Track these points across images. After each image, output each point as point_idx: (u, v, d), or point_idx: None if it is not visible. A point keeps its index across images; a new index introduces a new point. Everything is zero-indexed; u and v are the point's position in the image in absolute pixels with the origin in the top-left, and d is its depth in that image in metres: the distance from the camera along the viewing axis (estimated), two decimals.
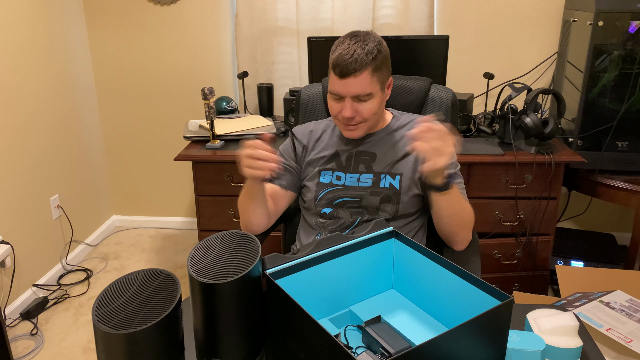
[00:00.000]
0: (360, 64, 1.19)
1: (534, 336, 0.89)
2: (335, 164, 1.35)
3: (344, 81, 1.21)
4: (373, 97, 1.24)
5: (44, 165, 2.44)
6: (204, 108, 2.45)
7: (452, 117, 1.51)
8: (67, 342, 2.09)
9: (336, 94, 1.24)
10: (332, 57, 1.23)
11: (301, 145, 1.40)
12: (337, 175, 1.34)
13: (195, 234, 3.01)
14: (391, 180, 1.30)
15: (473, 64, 2.60)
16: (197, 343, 0.85)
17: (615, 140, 2.10)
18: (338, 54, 1.21)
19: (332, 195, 1.33)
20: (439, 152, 1.04)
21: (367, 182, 1.31)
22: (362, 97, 1.23)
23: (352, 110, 1.24)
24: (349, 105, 1.23)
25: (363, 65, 1.19)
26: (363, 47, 1.20)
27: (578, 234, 2.57)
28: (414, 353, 0.70)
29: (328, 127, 1.41)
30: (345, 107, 1.23)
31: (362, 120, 1.27)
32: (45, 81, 2.44)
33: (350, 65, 1.19)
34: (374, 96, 1.24)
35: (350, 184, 1.32)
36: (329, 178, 1.34)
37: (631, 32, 1.66)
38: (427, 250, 0.97)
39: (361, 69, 1.19)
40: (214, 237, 0.89)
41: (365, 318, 0.97)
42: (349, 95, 1.22)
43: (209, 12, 2.67)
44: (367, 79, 1.21)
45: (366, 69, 1.20)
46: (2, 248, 2.08)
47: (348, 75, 1.20)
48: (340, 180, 1.33)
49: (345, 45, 1.21)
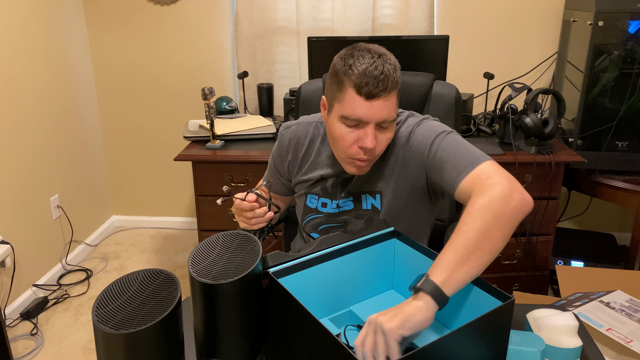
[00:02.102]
0: (392, 83, 1.01)
1: (534, 336, 0.89)
2: (321, 189, 1.22)
3: (370, 103, 1.00)
4: (393, 126, 1.07)
5: (43, 165, 2.44)
6: (204, 108, 2.45)
7: (456, 115, 1.46)
8: (67, 342, 2.09)
9: (356, 119, 1.02)
10: (351, 73, 1.01)
11: (286, 161, 1.27)
12: (322, 202, 1.23)
13: (195, 234, 3.01)
14: (372, 200, 1.18)
15: (473, 64, 2.60)
16: (197, 343, 0.85)
17: (615, 140, 2.10)
18: (363, 69, 1.00)
19: (318, 221, 1.24)
20: None
21: (349, 205, 1.20)
22: (386, 124, 1.04)
23: (374, 141, 1.03)
24: (372, 134, 1.02)
25: (394, 85, 1.02)
26: (390, 62, 1.02)
27: (578, 234, 2.57)
28: (419, 354, 0.70)
29: (317, 135, 1.24)
30: (367, 136, 1.02)
31: (375, 155, 1.09)
32: (45, 81, 2.44)
33: (381, 83, 0.99)
34: (394, 124, 1.08)
35: (332, 211, 1.22)
36: (315, 203, 1.24)
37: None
38: (428, 250, 0.97)
39: (391, 89, 1.01)
40: (214, 237, 0.89)
41: (365, 318, 0.97)
42: (374, 121, 1.02)
43: (209, 12, 2.67)
44: (395, 102, 1.04)
45: (395, 89, 1.03)
46: (2, 248, 2.08)
47: (377, 96, 1.00)
48: (325, 208, 1.23)
49: (368, 60, 1.01)
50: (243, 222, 1.12)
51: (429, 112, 1.50)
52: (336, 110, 1.06)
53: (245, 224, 1.12)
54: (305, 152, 1.24)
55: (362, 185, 1.19)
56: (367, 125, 1.03)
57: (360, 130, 1.04)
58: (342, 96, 1.03)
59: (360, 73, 1.00)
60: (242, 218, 1.11)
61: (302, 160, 1.24)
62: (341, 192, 1.21)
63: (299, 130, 1.25)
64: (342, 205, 1.20)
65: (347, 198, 1.20)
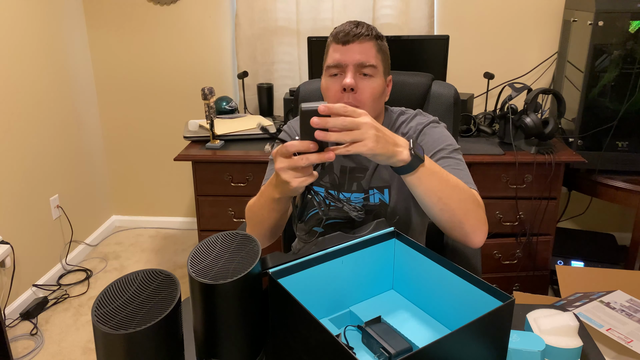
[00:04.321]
0: (366, 33, 1.10)
1: (534, 336, 0.89)
2: (329, 179, 1.22)
3: (346, 47, 1.09)
4: (376, 77, 1.12)
5: (43, 165, 2.44)
6: (204, 108, 2.45)
7: (455, 115, 1.47)
8: (67, 342, 2.09)
9: (336, 64, 1.11)
10: (332, 34, 1.13)
11: None
12: (330, 194, 1.22)
13: (195, 234, 3.01)
14: (380, 195, 1.20)
15: (473, 64, 2.60)
16: (197, 343, 0.85)
17: (615, 140, 2.10)
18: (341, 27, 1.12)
19: (321, 215, 1.22)
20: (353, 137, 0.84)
21: (359, 202, 1.21)
22: (366, 70, 1.10)
23: (354, 81, 1.09)
24: (351, 75, 1.09)
25: (368, 36, 1.10)
26: (368, 24, 1.13)
27: (578, 234, 2.57)
28: (418, 355, 0.70)
29: None
30: (346, 76, 1.09)
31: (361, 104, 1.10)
32: (45, 81, 2.44)
33: (354, 30, 1.09)
34: (377, 75, 1.12)
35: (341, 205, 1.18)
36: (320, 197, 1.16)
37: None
38: (428, 250, 0.97)
39: (366, 37, 1.09)
40: (214, 237, 0.89)
41: (365, 318, 0.97)
42: (350, 62, 1.09)
43: (209, 12, 2.67)
44: (372, 50, 1.11)
45: (371, 40, 1.10)
46: (2, 248, 2.08)
47: (352, 42, 1.09)
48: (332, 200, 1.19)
49: (348, 22, 1.13)
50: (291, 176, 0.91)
51: (427, 112, 1.50)
52: (323, 70, 1.15)
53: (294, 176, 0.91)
54: None
55: (371, 180, 1.21)
56: (346, 67, 1.10)
57: (342, 76, 1.12)
58: (326, 54, 1.15)
59: (339, 29, 1.12)
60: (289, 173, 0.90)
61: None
62: (350, 184, 1.22)
63: None
64: (353, 200, 1.22)
65: (359, 193, 1.21)
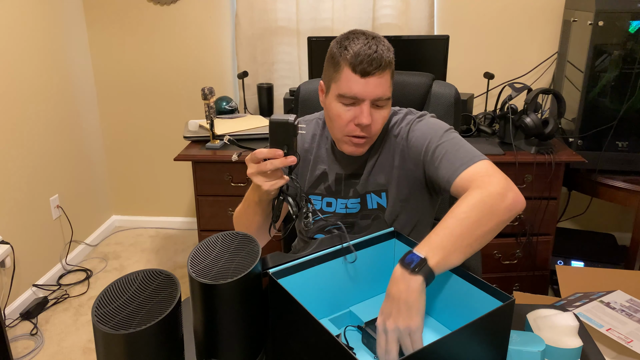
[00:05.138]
0: (385, 62, 1.04)
1: (534, 336, 0.89)
2: (324, 187, 1.22)
3: (365, 80, 1.04)
4: (388, 105, 1.10)
5: (43, 165, 2.44)
6: (204, 108, 2.45)
7: (455, 115, 1.46)
8: (67, 342, 2.09)
9: (352, 97, 1.06)
10: (347, 53, 1.05)
11: None
12: (327, 201, 1.22)
13: (195, 234, 3.01)
14: (377, 199, 1.19)
15: (473, 64, 2.60)
16: (197, 343, 0.85)
17: (615, 140, 2.10)
18: (358, 49, 1.03)
19: (322, 223, 1.22)
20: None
21: (355, 207, 1.20)
22: (381, 102, 1.07)
23: (370, 118, 1.06)
24: (367, 111, 1.06)
25: (387, 64, 1.05)
26: (383, 43, 1.06)
27: (578, 234, 2.57)
28: (418, 355, 0.70)
29: (317, 128, 1.26)
30: (363, 113, 1.05)
31: (372, 135, 1.11)
32: (45, 81, 2.44)
33: (375, 61, 1.03)
34: (389, 103, 1.10)
35: (340, 211, 1.21)
36: (319, 204, 1.22)
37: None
38: None
39: (385, 67, 1.05)
40: (214, 237, 0.89)
41: (365, 319, 0.97)
42: (369, 98, 1.05)
43: (209, 12, 2.67)
44: (389, 81, 1.08)
45: (389, 68, 1.06)
46: (2, 248, 2.08)
47: (371, 74, 1.04)
48: (330, 207, 1.22)
49: (363, 41, 1.05)
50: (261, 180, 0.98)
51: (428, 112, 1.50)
52: (333, 91, 1.09)
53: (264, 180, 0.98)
54: (309, 147, 1.25)
55: (367, 185, 1.19)
56: (363, 102, 1.06)
57: (356, 108, 1.07)
58: (339, 76, 1.07)
59: (355, 52, 1.04)
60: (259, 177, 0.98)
61: (306, 155, 1.25)
62: (347, 191, 1.21)
63: (303, 121, 1.28)
64: (350, 207, 1.21)
65: (355, 199, 1.20)
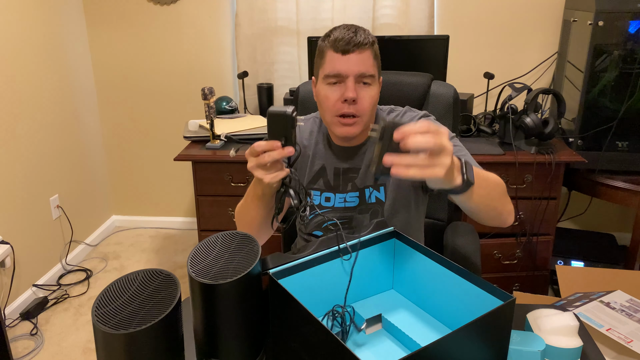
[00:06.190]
0: (365, 41, 1.11)
1: (534, 336, 0.89)
2: (323, 182, 1.25)
3: (346, 57, 1.10)
4: (374, 84, 1.14)
5: (43, 166, 2.44)
6: (204, 108, 2.45)
7: (454, 114, 1.48)
8: (67, 342, 2.09)
9: (336, 74, 1.12)
10: (329, 39, 1.13)
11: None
12: (325, 196, 1.25)
13: (195, 234, 3.01)
14: (376, 193, 1.22)
15: (473, 64, 2.60)
16: (197, 343, 0.85)
17: (615, 140, 2.10)
18: (337, 34, 1.11)
19: (322, 218, 1.25)
20: (439, 151, 0.80)
21: (354, 201, 1.23)
22: (366, 79, 1.12)
23: (355, 92, 1.11)
24: (352, 86, 1.11)
25: (367, 43, 1.11)
26: (363, 30, 1.14)
27: (578, 234, 2.57)
28: (419, 355, 0.69)
29: (314, 126, 1.29)
30: (347, 88, 1.11)
31: (360, 113, 1.14)
32: (45, 81, 2.44)
33: (354, 39, 1.09)
34: (375, 83, 1.14)
35: (339, 205, 1.24)
36: (317, 199, 1.25)
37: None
38: (427, 250, 0.97)
39: (365, 46, 1.11)
40: (214, 237, 0.89)
41: (365, 318, 0.97)
42: (352, 74, 1.11)
43: (208, 12, 2.67)
44: (370, 58, 1.12)
45: (369, 48, 1.12)
46: (2, 248, 2.08)
47: (352, 51, 1.10)
48: (329, 202, 1.24)
49: (343, 28, 1.13)
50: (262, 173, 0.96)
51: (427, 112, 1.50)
52: (320, 76, 1.16)
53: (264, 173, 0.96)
54: (307, 143, 1.28)
55: (365, 179, 1.22)
56: (347, 78, 1.11)
57: (342, 85, 1.13)
58: (323, 60, 1.14)
59: (336, 37, 1.12)
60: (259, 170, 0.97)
61: (304, 151, 1.27)
62: (345, 185, 1.23)
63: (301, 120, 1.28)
64: (348, 200, 1.23)
65: (354, 192, 1.23)
